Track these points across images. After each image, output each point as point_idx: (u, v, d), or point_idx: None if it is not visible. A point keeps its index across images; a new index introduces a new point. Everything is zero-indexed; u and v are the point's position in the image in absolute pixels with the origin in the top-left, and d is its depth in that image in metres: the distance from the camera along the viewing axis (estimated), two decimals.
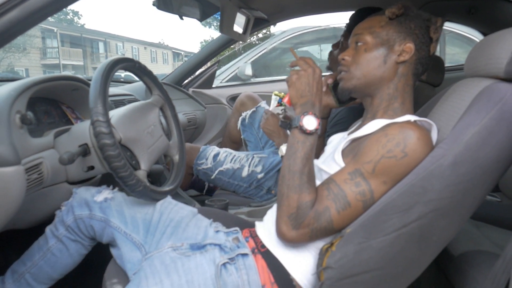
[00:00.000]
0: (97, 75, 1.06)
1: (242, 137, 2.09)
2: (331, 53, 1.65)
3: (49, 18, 0.95)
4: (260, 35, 7.22)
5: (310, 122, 0.92)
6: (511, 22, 1.70)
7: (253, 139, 2.01)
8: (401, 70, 0.99)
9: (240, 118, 2.03)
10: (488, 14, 1.83)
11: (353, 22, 1.54)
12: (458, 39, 3.60)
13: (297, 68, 1.00)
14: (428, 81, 1.76)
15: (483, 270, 0.97)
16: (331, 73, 1.30)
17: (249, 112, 2.01)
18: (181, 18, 1.62)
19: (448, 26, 3.36)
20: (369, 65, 1.00)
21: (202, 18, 1.80)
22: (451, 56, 4.00)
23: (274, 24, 2.33)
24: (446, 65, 2.84)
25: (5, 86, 1.12)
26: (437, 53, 3.77)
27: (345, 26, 1.57)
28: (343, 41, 1.57)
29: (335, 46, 1.63)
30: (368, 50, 1.00)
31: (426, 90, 1.74)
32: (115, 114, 1.16)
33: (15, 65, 20.44)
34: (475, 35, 3.11)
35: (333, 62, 1.62)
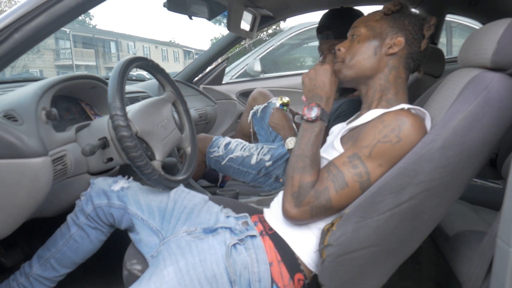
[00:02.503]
0: (115, 73, 1.15)
1: (253, 129, 2.17)
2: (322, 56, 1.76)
3: None
4: (270, 31, 7.28)
5: (311, 111, 1.03)
6: None
7: (263, 132, 2.10)
8: (392, 62, 1.06)
9: (251, 112, 2.12)
10: (489, 5, 1.87)
11: (323, 22, 1.67)
12: (466, 31, 3.62)
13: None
14: (429, 72, 1.82)
15: (473, 247, 1.03)
16: None
17: (261, 106, 2.09)
18: (190, 18, 1.70)
19: (456, 18, 3.39)
20: (360, 55, 1.07)
21: (210, 17, 1.88)
22: (458, 47, 4.01)
23: (284, 20, 2.39)
24: (452, 56, 2.88)
25: (31, 85, 1.21)
26: (444, 45, 3.81)
27: (317, 32, 1.68)
28: (321, 46, 1.68)
29: (319, 50, 1.75)
30: (361, 42, 1.08)
31: (428, 81, 1.79)
32: (131, 109, 1.25)
33: (30, 67, 20.79)
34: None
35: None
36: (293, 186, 0.98)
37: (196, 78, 2.69)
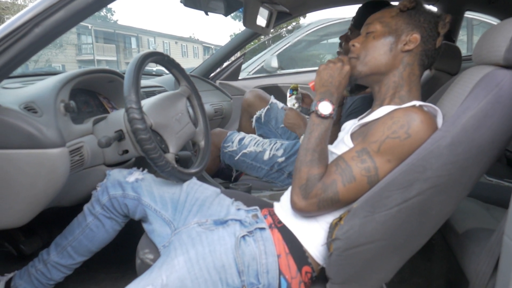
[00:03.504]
0: (131, 68, 1.18)
1: (257, 134, 2.19)
2: (340, 45, 1.75)
3: None
4: (289, 27, 7.28)
5: (326, 108, 1.04)
6: None
7: (272, 135, 2.12)
8: (406, 59, 1.06)
9: (255, 117, 2.14)
10: (508, 2, 1.84)
11: (360, 15, 1.62)
12: (487, 28, 3.55)
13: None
14: (445, 69, 1.80)
15: (482, 244, 1.03)
16: None
17: (264, 110, 2.11)
18: (207, 14, 1.72)
19: (478, 16, 3.33)
20: (375, 51, 1.07)
21: (227, 13, 1.90)
22: None
23: (304, 16, 2.40)
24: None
25: (51, 78, 1.26)
26: (465, 42, 3.74)
27: (352, 20, 1.65)
28: (350, 34, 1.66)
29: (343, 37, 1.72)
30: (376, 38, 1.08)
31: (443, 78, 1.78)
32: (146, 102, 1.28)
33: (53, 61, 21.20)
34: None
35: (342, 52, 1.71)
36: (301, 178, 0.99)
37: (213, 74, 2.72)
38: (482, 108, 0.86)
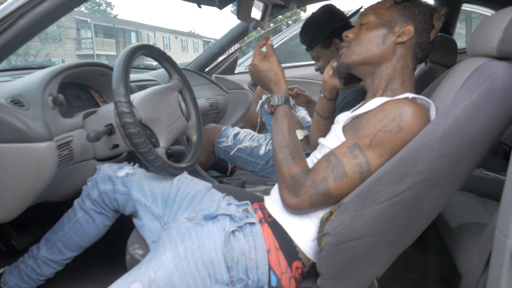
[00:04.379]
0: (119, 61, 1.16)
1: (262, 120, 2.17)
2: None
3: (83, 9, 1.06)
4: (290, 22, 7.24)
5: (270, 103, 1.08)
6: None
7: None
8: (400, 51, 1.04)
9: (260, 102, 2.11)
10: None
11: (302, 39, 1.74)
12: None
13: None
14: (441, 62, 1.78)
15: (474, 239, 1.02)
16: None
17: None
18: (199, 6, 1.69)
19: (477, 8, 3.30)
20: (368, 42, 1.05)
21: (221, 5, 1.86)
22: None
23: (305, 9, 2.38)
24: None
25: (39, 72, 1.24)
26: (464, 35, 3.72)
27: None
28: (312, 54, 1.74)
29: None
30: (369, 29, 1.06)
31: (439, 71, 1.76)
32: (136, 96, 1.26)
33: (52, 56, 21.17)
34: None
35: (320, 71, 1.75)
36: (285, 178, 0.99)
37: (208, 68, 2.70)
38: (474, 100, 0.84)
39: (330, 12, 1.66)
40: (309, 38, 1.67)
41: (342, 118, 1.20)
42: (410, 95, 1.00)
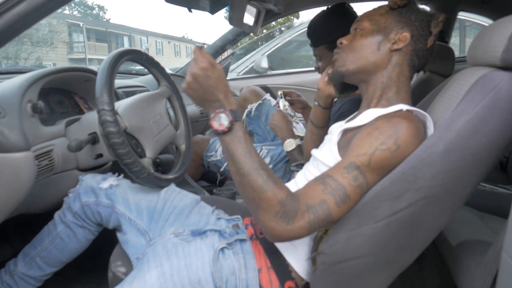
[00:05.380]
0: (104, 66, 1.10)
1: (247, 130, 2.11)
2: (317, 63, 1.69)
3: (75, 13, 1.00)
4: (282, 28, 7.23)
5: (222, 120, 0.81)
6: None
7: (261, 132, 2.03)
8: (395, 59, 0.99)
9: (246, 111, 2.05)
10: (502, 2, 1.79)
11: (310, 33, 1.62)
12: (479, 30, 3.52)
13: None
14: (438, 71, 1.74)
15: (477, 259, 0.97)
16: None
17: (255, 105, 2.02)
18: (190, 11, 1.64)
19: (471, 17, 3.29)
20: (363, 49, 1.00)
21: (212, 10, 1.82)
22: None
23: (298, 16, 2.34)
24: (465, 55, 2.79)
25: (18, 77, 1.17)
26: (457, 44, 3.70)
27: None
28: (316, 54, 1.63)
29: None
30: (364, 36, 1.01)
31: (436, 80, 1.72)
32: (122, 104, 1.20)
33: (43, 59, 20.99)
34: None
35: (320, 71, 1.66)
36: (272, 206, 0.79)
37: None
38: (478, 112, 0.80)
39: (344, 14, 1.52)
40: (316, 36, 1.56)
41: (336, 129, 1.15)
42: (404, 106, 0.95)
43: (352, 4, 1.59)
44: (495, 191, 1.61)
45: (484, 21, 3.18)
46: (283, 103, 1.74)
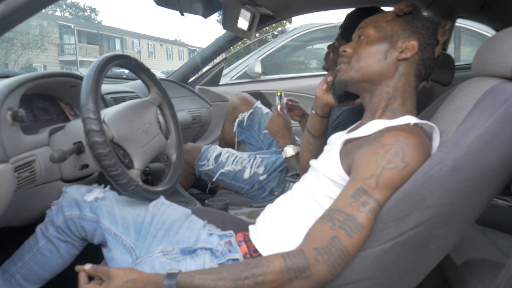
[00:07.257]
0: (90, 72, 1.04)
1: (239, 139, 2.05)
2: (327, 54, 1.61)
3: (67, 14, 0.93)
4: (275, 32, 7.18)
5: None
6: None
7: (254, 141, 1.97)
8: (402, 68, 0.95)
9: (237, 120, 1.98)
10: (502, 10, 1.76)
11: (348, 24, 1.50)
12: (474, 37, 3.50)
13: None
14: (437, 80, 1.70)
15: (486, 281, 0.92)
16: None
17: (247, 113, 1.96)
18: (182, 14, 1.58)
19: (463, 23, 3.27)
20: (368, 58, 0.95)
21: (205, 14, 1.76)
22: (467, 53, 3.90)
23: (290, 21, 2.29)
24: (460, 63, 2.76)
25: None
26: (452, 51, 3.68)
27: (339, 29, 1.53)
28: (337, 44, 1.54)
29: (330, 47, 1.60)
30: (369, 43, 0.96)
31: (436, 89, 1.68)
32: (109, 112, 1.13)
33: (33, 62, 20.76)
34: (492, 33, 3.02)
35: (329, 63, 1.58)
36: (281, 279, 0.79)
37: (192, 79, 2.58)
38: (489, 127, 0.75)
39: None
40: (347, 32, 1.48)
41: (336, 139, 1.09)
42: (412, 119, 0.90)
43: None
44: (494, 203, 1.57)
45: (479, 28, 3.16)
46: (283, 101, 1.67)
